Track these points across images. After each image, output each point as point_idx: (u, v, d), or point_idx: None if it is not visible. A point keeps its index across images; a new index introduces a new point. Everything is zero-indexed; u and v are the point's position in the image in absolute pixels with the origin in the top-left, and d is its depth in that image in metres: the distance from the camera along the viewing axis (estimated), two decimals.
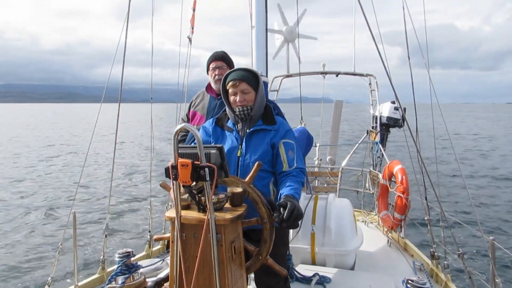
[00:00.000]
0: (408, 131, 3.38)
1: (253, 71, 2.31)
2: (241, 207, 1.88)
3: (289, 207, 1.79)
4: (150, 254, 4.10)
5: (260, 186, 2.11)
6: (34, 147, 25.99)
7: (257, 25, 3.21)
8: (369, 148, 6.62)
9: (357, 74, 6.65)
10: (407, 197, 4.14)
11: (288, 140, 2.23)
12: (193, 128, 1.59)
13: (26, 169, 16.97)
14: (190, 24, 3.89)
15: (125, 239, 7.97)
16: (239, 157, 2.21)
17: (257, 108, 2.26)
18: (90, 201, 10.94)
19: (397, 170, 4.42)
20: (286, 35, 6.19)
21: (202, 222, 1.66)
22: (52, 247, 7.44)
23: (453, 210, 9.93)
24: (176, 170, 1.59)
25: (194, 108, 3.21)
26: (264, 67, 3.25)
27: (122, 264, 2.60)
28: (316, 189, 6.00)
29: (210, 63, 3.03)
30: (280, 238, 2.22)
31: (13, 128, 44.70)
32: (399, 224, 4.39)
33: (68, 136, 35.01)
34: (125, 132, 35.36)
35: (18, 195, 11.94)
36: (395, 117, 6.25)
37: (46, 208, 10.34)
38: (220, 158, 1.66)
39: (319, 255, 3.38)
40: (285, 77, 6.71)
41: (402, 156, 14.00)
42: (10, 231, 8.59)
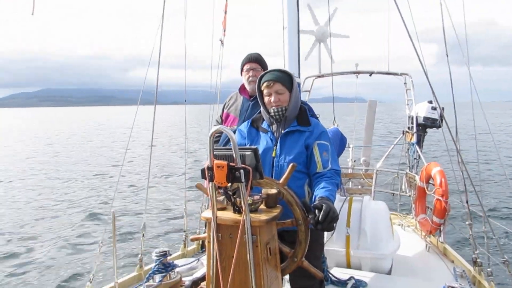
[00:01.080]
0: (447, 132, 3.27)
1: (288, 72, 2.32)
2: (276, 208, 1.88)
3: (324, 209, 1.77)
4: (185, 254, 4.17)
5: (295, 187, 2.11)
6: (72, 147, 27.09)
7: (289, 25, 3.20)
8: (405, 149, 6.45)
9: (391, 73, 6.50)
10: (447, 200, 3.99)
11: (323, 141, 2.22)
12: (228, 130, 1.61)
13: (67, 169, 17.67)
14: (222, 26, 3.92)
15: (161, 239, 8.15)
16: (274, 158, 2.22)
17: (292, 109, 2.27)
18: (127, 201, 11.26)
19: (435, 172, 4.28)
20: (318, 35, 6.14)
21: (237, 223, 1.68)
22: (92, 245, 7.71)
23: (497, 214, 9.49)
24: (211, 171, 1.61)
25: (227, 109, 3.25)
26: (297, 68, 3.24)
27: (159, 263, 2.66)
28: (350, 191, 5.90)
29: (244, 64, 3.06)
30: (315, 240, 2.20)
31: (51, 130, 46.75)
32: (438, 228, 4.24)
33: (106, 137, 36.17)
34: (160, 134, 36.18)
35: (60, 195, 12.45)
36: (432, 117, 6.05)
37: (86, 208, 10.74)
38: (255, 159, 1.67)
39: (354, 258, 3.32)
40: (317, 77, 6.65)
41: (439, 157, 13.56)
42: (52, 229, 8.97)
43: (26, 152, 24.46)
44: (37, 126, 59.58)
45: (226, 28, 3.99)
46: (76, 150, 26.32)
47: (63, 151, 25.83)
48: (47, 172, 17.00)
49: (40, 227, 9.18)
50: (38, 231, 8.87)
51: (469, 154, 12.88)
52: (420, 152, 5.93)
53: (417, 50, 2.81)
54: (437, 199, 4.06)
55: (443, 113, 4.07)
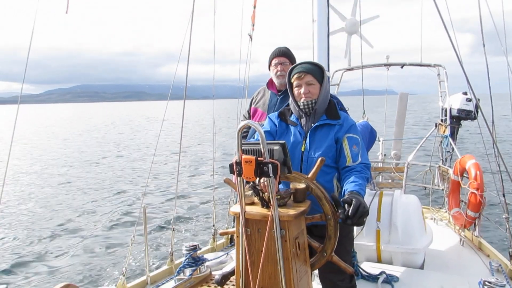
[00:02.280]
0: (483, 124, 3.15)
1: (319, 65, 2.31)
2: (305, 203, 1.87)
3: (354, 204, 1.75)
4: (215, 248, 4.23)
5: (324, 181, 2.09)
6: (103, 144, 27.88)
7: (319, 18, 3.17)
8: (437, 142, 6.28)
9: (424, 65, 6.32)
10: (482, 194, 3.86)
11: (353, 134, 2.19)
12: (256, 125, 1.61)
13: (98, 165, 18.23)
14: (251, 21, 3.92)
15: (190, 233, 8.29)
16: (303, 152, 2.20)
17: (321, 102, 2.24)
18: (158, 196, 11.51)
19: (470, 165, 4.14)
20: (348, 28, 6.01)
21: (266, 217, 1.68)
22: (124, 239, 7.93)
23: None
24: (240, 166, 1.62)
25: (255, 104, 3.25)
26: (326, 61, 3.21)
27: (189, 257, 2.71)
28: (380, 185, 5.80)
29: (272, 59, 3.04)
30: (345, 234, 2.18)
31: (83, 125, 48.19)
32: (473, 222, 4.11)
33: (138, 133, 37.00)
34: (189, 128, 36.67)
35: (92, 190, 12.86)
36: (467, 109, 5.85)
37: (118, 203, 11.05)
38: (283, 154, 1.66)
39: (385, 253, 3.27)
40: (346, 70, 6.55)
41: (472, 150, 13.10)
42: (86, 224, 9.29)
43: (61, 147, 25.37)
44: (74, 121, 61.61)
45: (255, 22, 3.99)
46: (107, 144, 27.09)
47: (94, 145, 26.64)
48: (79, 167, 17.59)
49: (74, 222, 9.53)
50: (72, 226, 9.21)
51: (506, 146, 12.40)
52: (454, 144, 5.76)
53: (452, 40, 2.71)
54: (472, 192, 3.94)
55: (479, 104, 3.93)
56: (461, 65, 2.82)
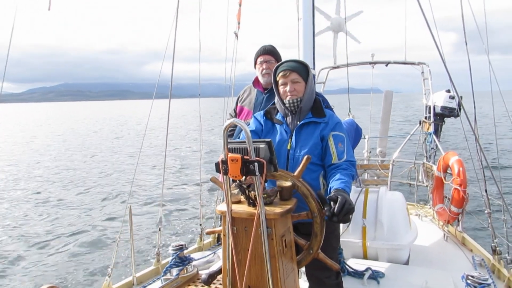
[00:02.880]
0: (465, 121, 3.20)
1: (303, 63, 2.32)
2: (291, 201, 1.87)
3: (339, 201, 1.76)
4: (202, 247, 4.21)
5: (310, 179, 2.10)
6: (89, 141, 27.53)
7: (304, 16, 3.17)
8: (422, 139, 6.36)
9: (408, 63, 6.39)
10: (465, 190, 3.93)
11: (338, 132, 2.20)
12: (242, 123, 1.61)
13: (82, 163, 17.98)
14: (237, 19, 3.91)
15: (177, 232, 8.24)
16: (289, 150, 2.21)
17: (307, 100, 2.25)
18: (143, 195, 11.41)
19: (453, 161, 4.21)
20: (333, 27, 6.04)
21: (252, 216, 1.68)
22: (110, 240, 7.85)
23: None
24: (226, 165, 1.61)
25: (241, 103, 3.24)
26: (311, 59, 3.21)
27: (176, 257, 2.69)
28: (366, 182, 5.85)
29: (257, 57, 3.03)
30: (331, 232, 2.20)
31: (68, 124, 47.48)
32: (456, 218, 4.18)
33: (122, 131, 36.60)
34: (175, 127, 36.41)
35: (75, 190, 12.68)
36: (450, 106, 5.95)
37: (102, 202, 10.92)
38: (269, 152, 1.66)
39: (371, 249, 3.30)
40: (332, 68, 6.58)
41: (456, 148, 13.32)
42: (69, 224, 9.16)
43: (42, 146, 24.94)
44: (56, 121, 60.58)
45: (240, 21, 3.98)
46: (93, 144, 26.73)
47: (79, 144, 26.27)
48: (62, 166, 17.32)
49: (57, 222, 9.39)
50: (55, 226, 9.07)
51: (487, 143, 12.65)
52: (438, 141, 5.84)
53: (435, 39, 2.75)
54: (455, 188, 4.01)
55: (462, 102, 4.00)
56: (444, 64, 2.86)
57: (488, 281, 1.90)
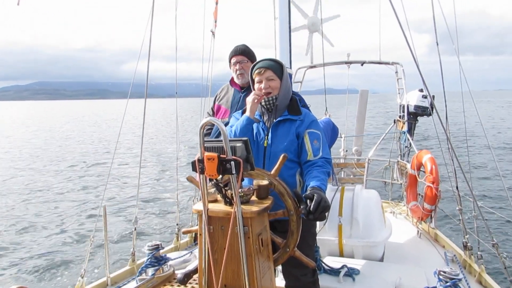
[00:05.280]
0: (437, 120, 3.29)
1: (278, 61, 2.35)
2: (267, 199, 1.88)
3: (315, 199, 1.78)
4: (178, 247, 4.17)
5: (286, 176, 2.12)
6: (63, 140, 26.85)
7: (280, 16, 3.18)
8: (396, 138, 6.49)
9: (382, 63, 6.51)
10: (437, 187, 4.04)
11: (313, 130, 2.23)
12: (219, 122, 1.60)
13: (56, 163, 17.54)
14: (213, 17, 3.88)
15: (154, 232, 8.14)
16: (266, 147, 2.24)
17: (282, 98, 2.28)
18: (119, 195, 11.22)
19: (426, 159, 4.31)
20: (309, 26, 6.08)
21: (229, 215, 1.67)
22: (84, 240, 7.68)
23: (486, 199, 9.63)
24: (202, 163, 1.60)
25: (218, 101, 3.23)
26: (288, 58, 3.23)
27: (152, 257, 2.65)
28: (343, 181, 5.93)
29: (231, 58, 3.04)
30: (307, 230, 2.22)
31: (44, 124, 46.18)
32: (429, 215, 4.29)
33: (99, 130, 35.87)
34: (152, 126, 35.95)
35: (49, 189, 12.36)
36: (423, 105, 6.09)
37: (77, 202, 10.68)
38: (246, 151, 1.66)
39: (347, 247, 3.35)
40: (308, 68, 6.63)
41: (430, 146, 13.68)
42: (42, 224, 8.92)
43: (14, 145, 24.21)
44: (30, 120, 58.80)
45: (217, 19, 3.95)
46: (67, 143, 26.10)
47: (54, 144, 25.60)
48: (35, 166, 16.85)
49: (29, 221, 9.14)
50: (27, 225, 8.82)
51: (459, 141, 13.04)
52: (411, 140, 5.97)
53: (407, 39, 2.80)
54: (428, 186, 4.11)
55: (433, 101, 4.10)
56: (416, 63, 2.92)
57: (459, 276, 1.95)
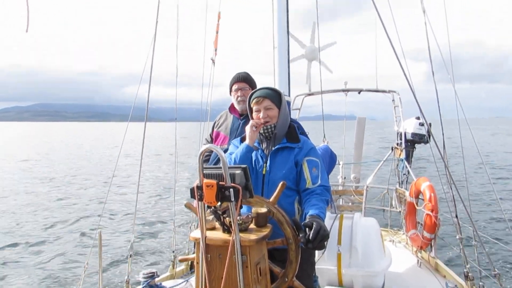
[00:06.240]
0: (434, 147, 3.30)
1: (276, 90, 2.38)
2: (266, 227, 1.86)
3: (314, 227, 1.76)
4: (174, 275, 4.09)
5: (285, 204, 2.11)
6: (63, 162, 26.71)
7: (279, 45, 3.25)
8: (394, 165, 6.50)
9: (379, 91, 6.59)
10: (437, 215, 4.01)
11: (312, 157, 2.24)
12: (218, 149, 1.61)
13: (52, 187, 17.38)
14: (214, 46, 3.96)
15: (149, 259, 8.00)
16: (264, 175, 2.23)
17: (281, 126, 2.29)
18: (115, 220, 11.08)
19: (425, 187, 4.30)
20: (307, 55, 6.19)
21: (227, 243, 1.65)
22: (78, 266, 7.53)
23: (486, 227, 9.55)
24: (201, 190, 1.59)
25: (217, 128, 3.24)
26: (287, 86, 3.28)
27: (147, 285, 2.60)
28: (341, 208, 5.90)
29: (232, 84, 3.07)
30: (306, 258, 2.19)
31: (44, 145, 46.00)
32: (429, 244, 4.24)
33: (97, 154, 35.74)
34: (152, 150, 35.86)
35: (44, 214, 12.20)
36: (420, 133, 6.13)
37: (72, 227, 10.53)
38: (245, 178, 1.66)
39: (346, 276, 3.29)
40: (306, 95, 6.71)
41: (428, 173, 13.67)
42: (37, 248, 8.77)
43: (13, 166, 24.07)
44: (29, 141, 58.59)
45: (217, 47, 4.02)
46: (66, 165, 25.97)
47: (52, 166, 25.47)
48: (32, 189, 16.69)
49: (21, 244, 9.00)
50: (22, 250, 8.67)
51: (457, 168, 13.06)
52: (409, 167, 5.97)
53: (403, 68, 2.85)
54: (427, 214, 4.08)
55: (430, 129, 4.13)
56: (413, 92, 2.96)
57: None
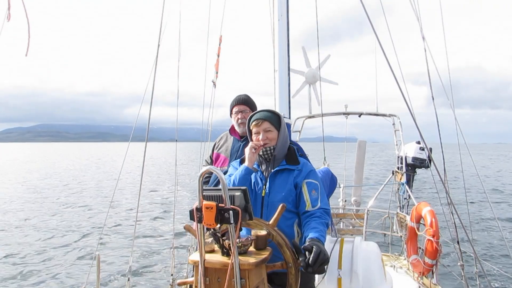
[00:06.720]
0: (435, 172, 3.30)
1: (276, 112, 2.40)
2: (266, 250, 1.85)
3: (314, 251, 1.75)
4: None
5: (284, 227, 2.09)
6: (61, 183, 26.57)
7: (280, 68, 3.30)
8: (395, 189, 6.47)
9: (379, 115, 6.63)
10: (438, 241, 3.97)
11: (311, 180, 2.23)
12: (218, 171, 1.61)
13: (51, 207, 17.27)
14: (215, 69, 4.01)
15: (148, 283, 7.87)
16: (264, 197, 2.22)
17: (280, 148, 2.30)
18: (113, 243, 10.96)
19: (426, 212, 4.27)
20: (308, 77, 6.26)
21: (226, 266, 1.64)
22: None
23: (488, 254, 9.42)
24: (200, 212, 1.59)
25: (217, 150, 3.25)
26: (287, 108, 3.30)
27: None
28: (342, 232, 5.83)
29: (233, 107, 3.10)
30: (305, 283, 2.15)
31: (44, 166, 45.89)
32: (431, 270, 4.18)
33: (98, 174, 35.64)
34: (152, 171, 35.78)
35: (42, 234, 12.08)
36: (421, 157, 6.13)
37: (70, 248, 10.41)
38: (245, 200, 1.65)
39: None
40: (307, 118, 6.74)
41: (428, 197, 13.60)
42: (35, 270, 8.65)
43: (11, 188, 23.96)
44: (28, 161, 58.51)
45: (218, 70, 4.08)
46: (66, 186, 25.86)
47: (50, 186, 25.36)
48: (31, 209, 16.57)
49: (17, 266, 8.88)
50: (19, 270, 8.56)
51: (458, 194, 13.00)
52: (410, 192, 5.94)
53: (403, 93, 2.88)
54: (429, 239, 4.03)
55: (431, 154, 4.13)
56: (413, 117, 2.98)
57: None
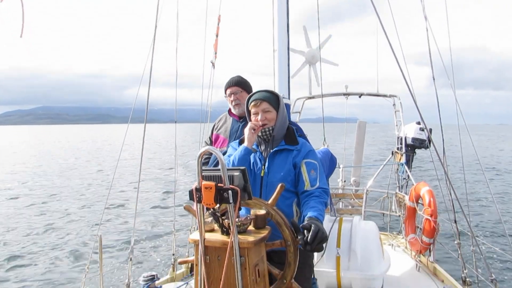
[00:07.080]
0: (434, 153, 3.31)
1: (274, 92, 2.39)
2: (265, 229, 1.87)
3: (313, 230, 1.77)
4: (174, 278, 4.10)
5: (283, 206, 2.11)
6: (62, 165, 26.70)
7: (279, 48, 3.27)
8: (394, 170, 6.50)
9: (380, 95, 6.60)
10: (436, 220, 4.02)
11: (310, 160, 2.24)
12: (217, 151, 1.62)
13: (54, 188, 17.40)
14: (214, 49, 3.98)
15: (150, 262, 7.99)
16: (263, 177, 2.24)
17: (279, 128, 2.30)
18: (115, 224, 11.07)
19: (424, 192, 4.31)
20: (308, 57, 6.20)
21: (225, 244, 1.66)
22: (79, 269, 7.53)
23: (485, 232, 9.54)
24: (200, 192, 1.60)
25: (217, 131, 3.26)
26: (287, 89, 3.29)
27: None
28: (340, 211, 5.90)
29: (226, 89, 3.09)
30: (304, 261, 2.19)
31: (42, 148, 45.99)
32: (428, 248, 4.24)
33: (98, 155, 35.74)
34: (151, 152, 35.87)
35: (44, 218, 12.20)
36: (420, 138, 6.14)
37: (72, 231, 10.53)
38: (244, 180, 1.67)
39: (345, 279, 3.29)
40: (307, 98, 6.72)
41: (428, 177, 13.67)
42: (35, 252, 8.77)
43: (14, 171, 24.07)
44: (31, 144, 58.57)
45: (217, 51, 4.05)
46: (66, 167, 25.97)
47: (52, 168, 25.48)
48: (32, 192, 16.71)
49: (21, 247, 9.03)
50: (22, 252, 8.70)
51: (456, 173, 13.07)
52: (409, 172, 5.97)
53: (403, 72, 2.86)
54: (426, 218, 4.08)
55: (431, 134, 4.14)
56: (413, 97, 2.97)
57: None
